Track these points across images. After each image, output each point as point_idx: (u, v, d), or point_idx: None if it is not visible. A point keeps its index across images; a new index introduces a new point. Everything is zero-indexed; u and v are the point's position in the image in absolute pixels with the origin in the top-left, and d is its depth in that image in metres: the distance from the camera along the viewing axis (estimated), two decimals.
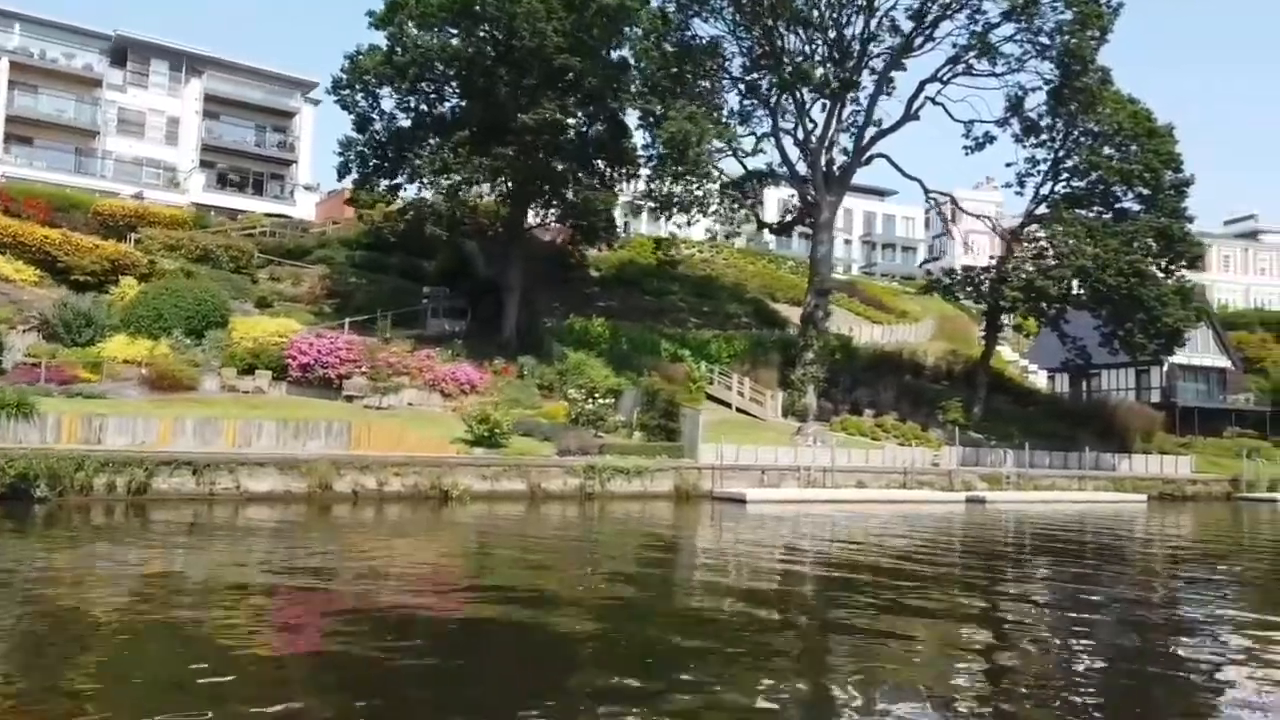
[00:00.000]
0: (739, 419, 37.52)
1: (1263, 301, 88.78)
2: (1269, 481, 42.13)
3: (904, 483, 32.26)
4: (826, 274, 40.86)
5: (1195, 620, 12.81)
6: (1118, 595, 15.38)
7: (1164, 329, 36.76)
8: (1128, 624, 12.34)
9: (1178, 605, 14.48)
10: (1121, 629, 11.96)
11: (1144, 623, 12.45)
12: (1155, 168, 37.74)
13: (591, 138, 39.01)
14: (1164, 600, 14.95)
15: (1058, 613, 12.97)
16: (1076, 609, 13.33)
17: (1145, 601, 14.77)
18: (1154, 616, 13.11)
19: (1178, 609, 14.06)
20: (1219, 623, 12.43)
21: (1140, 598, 15.23)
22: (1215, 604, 14.27)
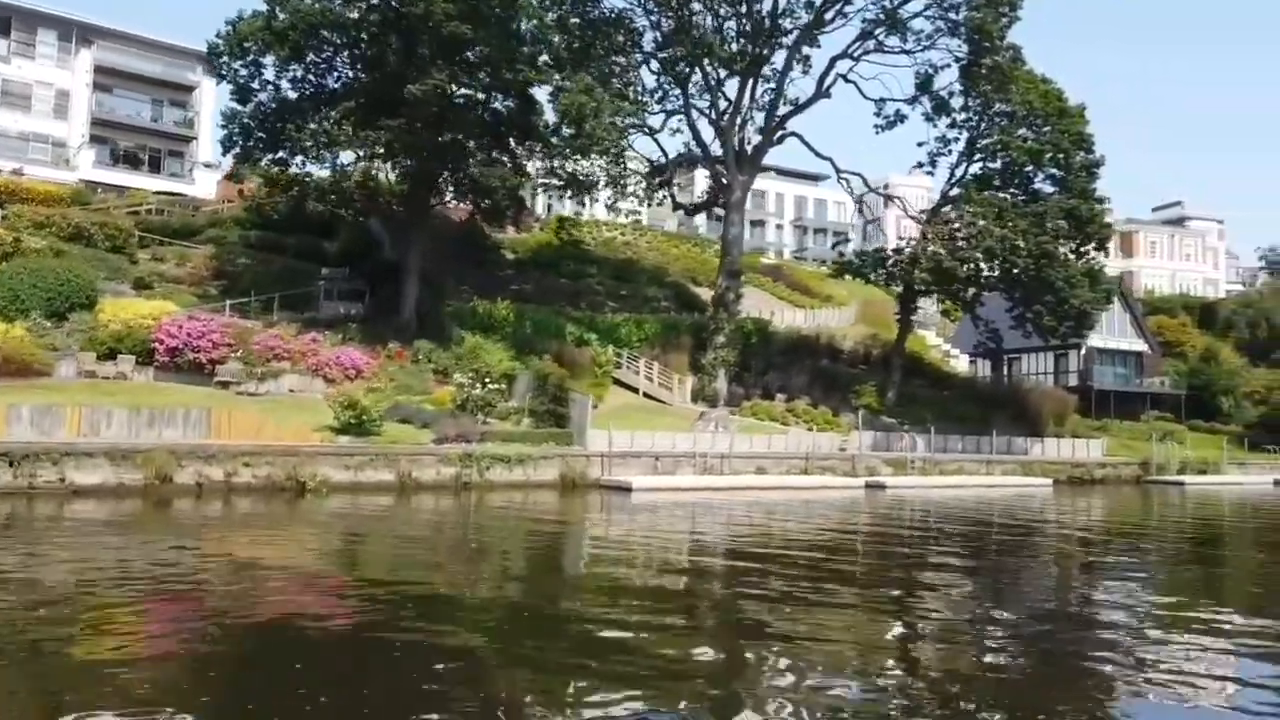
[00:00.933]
0: (645, 404, 36.47)
1: (1188, 287, 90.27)
2: (1179, 464, 42.24)
3: (805, 468, 31.45)
4: (738, 255, 39.89)
5: (1075, 603, 12.53)
6: (1003, 581, 14.74)
7: (1072, 311, 36.42)
8: (1016, 610, 12.03)
9: (1064, 590, 14.11)
10: (1010, 615, 11.65)
11: (1031, 609, 12.19)
12: (1065, 148, 37.35)
13: (499, 113, 37.50)
14: (1049, 585, 14.42)
15: (939, 601, 12.37)
16: (963, 597, 12.78)
17: (1029, 586, 14.26)
18: (1040, 601, 12.71)
19: (1064, 593, 13.70)
20: (1094, 605, 12.13)
21: (1024, 582, 14.66)
22: (1093, 588, 13.85)
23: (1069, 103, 38.82)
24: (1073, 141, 37.69)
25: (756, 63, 37.88)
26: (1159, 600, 13.23)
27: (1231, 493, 38.09)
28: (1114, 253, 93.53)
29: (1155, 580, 15.54)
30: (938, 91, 38.33)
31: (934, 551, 17.67)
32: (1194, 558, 18.88)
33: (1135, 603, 12.84)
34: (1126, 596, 13.43)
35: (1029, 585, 14.57)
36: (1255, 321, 66.60)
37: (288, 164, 35.75)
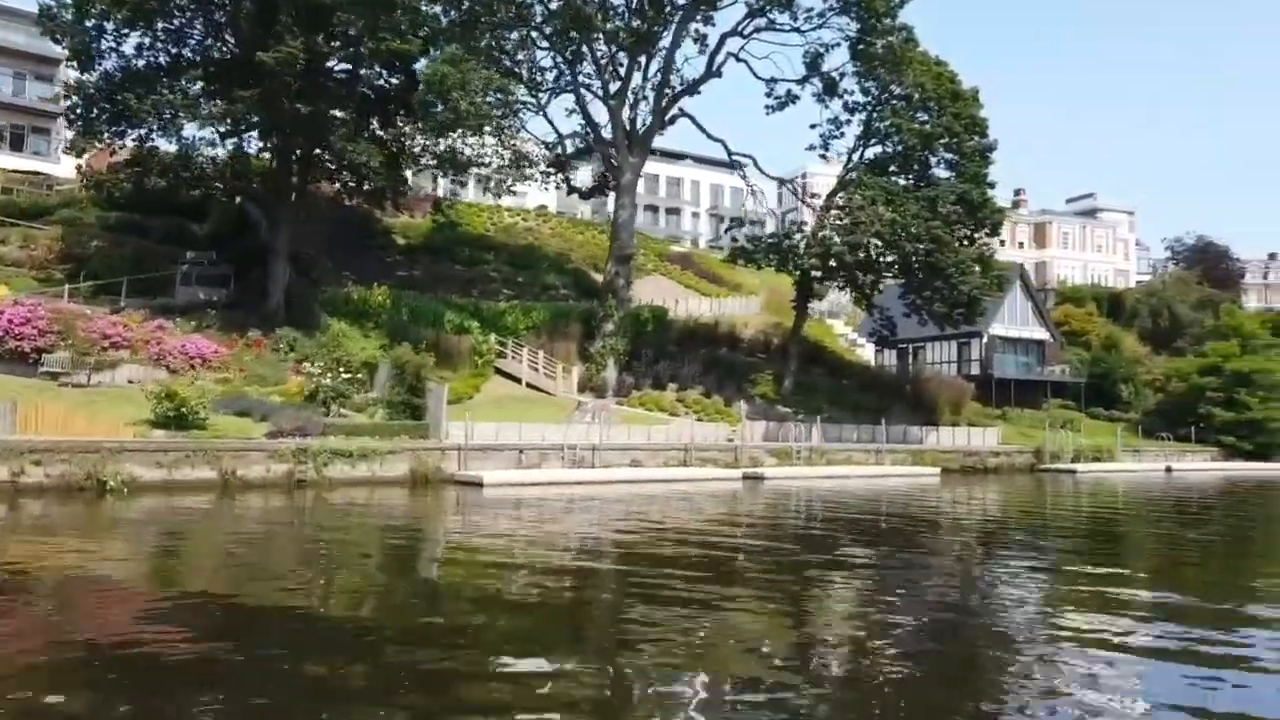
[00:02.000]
0: (527, 394, 34.94)
1: (1099, 277, 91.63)
2: (1073, 452, 42.16)
3: (685, 460, 30.23)
4: (628, 240, 38.53)
5: (950, 597, 12.00)
6: (871, 575, 13.77)
7: (962, 297, 35.83)
8: (894, 605, 11.51)
9: (935, 583, 13.33)
10: (889, 610, 11.10)
11: (908, 603, 11.57)
12: (958, 132, 36.70)
13: (383, 89, 35.53)
14: (919, 578, 13.56)
15: (806, 599, 11.60)
16: (833, 594, 12.10)
17: (901, 579, 13.44)
18: (914, 596, 12.05)
19: (935, 586, 12.97)
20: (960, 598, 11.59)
21: (894, 575, 13.81)
22: (935, 578, 13.04)
23: (963, 86, 38.22)
24: (965, 126, 37.09)
25: (646, 39, 36.49)
26: (1037, 591, 12.72)
27: (1122, 480, 38.03)
28: (1028, 244, 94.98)
29: (1031, 570, 14.74)
30: (828, 72, 37.42)
31: (799, 546, 16.52)
32: (1068, 546, 18.09)
33: (1006, 594, 12.23)
34: (993, 588, 12.51)
35: (901, 579, 13.61)
36: (1158, 310, 67.61)
37: (143, 139, 33.26)
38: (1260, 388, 47.24)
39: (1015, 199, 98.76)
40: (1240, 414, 46.85)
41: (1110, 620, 10.27)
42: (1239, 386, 47.29)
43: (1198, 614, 10.96)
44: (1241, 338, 49.51)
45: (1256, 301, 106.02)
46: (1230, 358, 48.12)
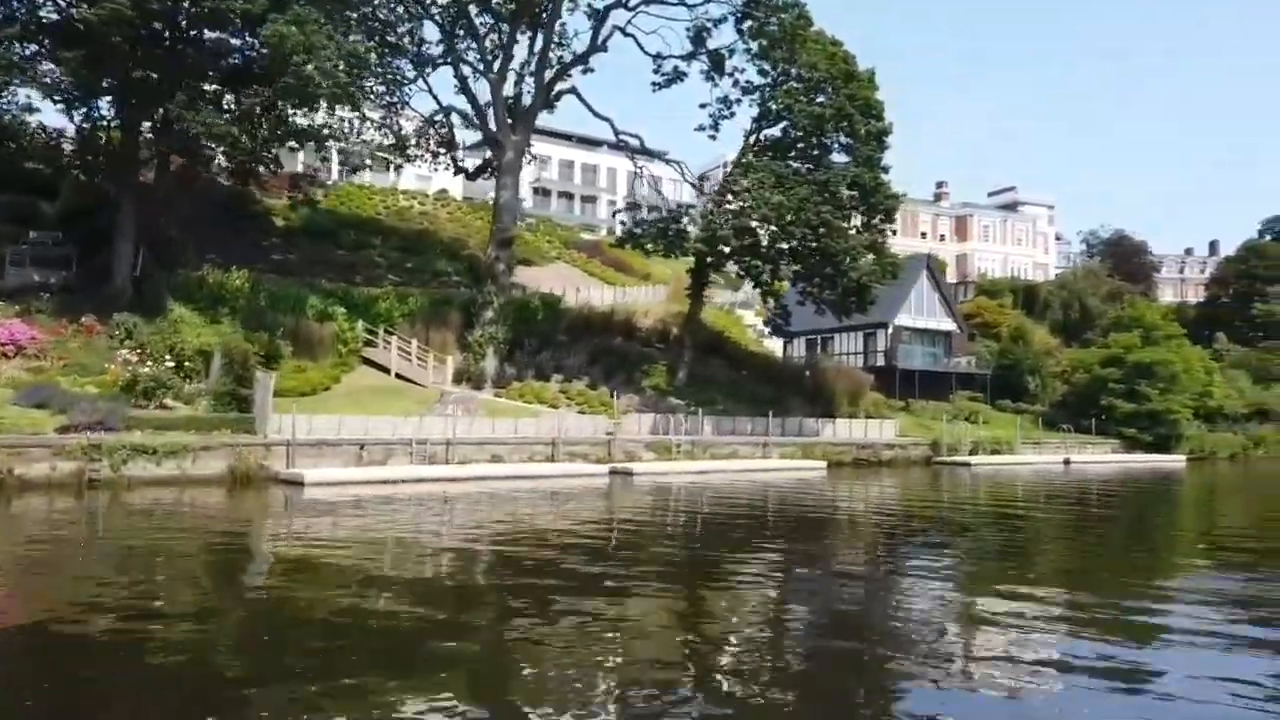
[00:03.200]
0: (395, 386, 32.78)
1: (1019, 270, 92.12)
2: (971, 445, 41.36)
3: (552, 455, 28.42)
4: (510, 223, 36.55)
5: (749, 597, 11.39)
6: (722, 576, 12.59)
7: (851, 284, 34.58)
8: (753, 607, 11.03)
9: (753, 583, 12.47)
10: (748, 613, 10.59)
11: (764, 607, 11.21)
12: (850, 114, 35.37)
13: (252, 57, 32.86)
14: (769, 580, 12.68)
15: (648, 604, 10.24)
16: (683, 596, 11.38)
17: (754, 581, 12.67)
18: (721, 597, 11.48)
19: (756, 588, 12.21)
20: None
21: (748, 576, 12.92)
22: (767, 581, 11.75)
23: (859, 67, 36.92)
24: (859, 108, 35.77)
25: (526, 8, 34.49)
26: (897, 588, 12.35)
27: (1018, 472, 37.29)
28: (949, 236, 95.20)
29: (885, 566, 13.84)
30: (717, 50, 35.78)
31: (635, 546, 14.83)
32: (918, 541, 16.74)
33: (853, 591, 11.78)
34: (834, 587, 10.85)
35: (754, 580, 12.51)
36: (1069, 303, 67.76)
37: None
38: (1160, 379, 47.08)
39: (937, 192, 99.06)
40: (1141, 406, 46.62)
41: (941, 618, 9.98)
42: (1140, 378, 47.07)
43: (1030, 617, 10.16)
44: (1144, 329, 49.33)
45: (1173, 296, 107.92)
46: (1132, 349, 47.88)
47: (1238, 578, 13.34)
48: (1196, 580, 13.25)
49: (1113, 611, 10.65)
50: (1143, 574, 14.03)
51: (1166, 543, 18.99)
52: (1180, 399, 47.22)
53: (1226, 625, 9.97)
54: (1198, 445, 49.62)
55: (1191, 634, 9.49)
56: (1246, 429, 54.31)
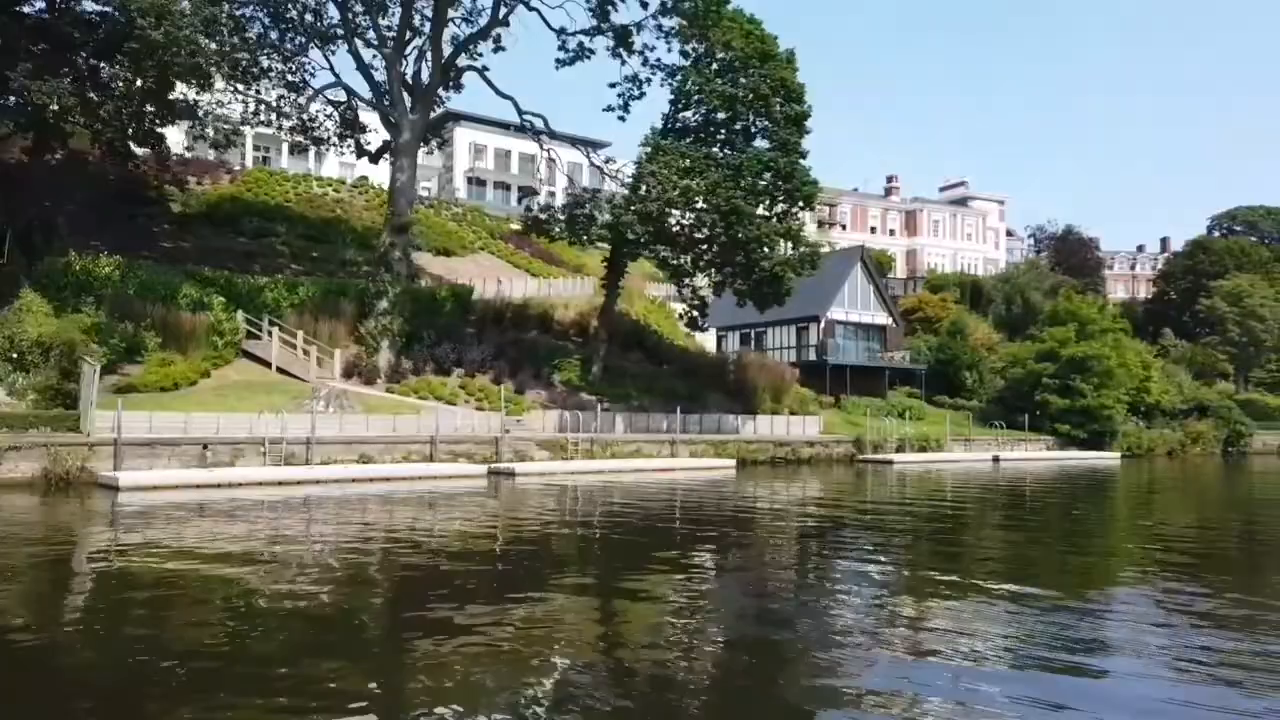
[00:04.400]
0: (275, 380, 30.49)
1: (969, 265, 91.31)
2: (897, 442, 39.89)
3: (430, 454, 26.40)
4: (406, 207, 34.36)
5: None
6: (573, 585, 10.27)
7: (763, 274, 32.86)
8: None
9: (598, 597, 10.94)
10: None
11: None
12: (765, 95, 33.62)
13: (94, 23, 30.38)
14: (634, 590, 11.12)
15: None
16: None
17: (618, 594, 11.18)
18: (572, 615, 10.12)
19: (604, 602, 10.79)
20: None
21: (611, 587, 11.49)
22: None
23: (778, 47, 35.18)
24: (775, 89, 34.03)
25: None
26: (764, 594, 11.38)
27: (943, 471, 35.86)
28: (899, 231, 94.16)
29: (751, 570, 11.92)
30: (625, 25, 33.81)
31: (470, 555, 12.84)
32: (797, 545, 14.94)
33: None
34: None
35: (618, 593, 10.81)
36: (1011, 297, 66.80)
37: None
38: (1095, 374, 45.95)
39: (888, 186, 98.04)
40: (1074, 402, 45.46)
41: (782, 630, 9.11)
42: (1074, 373, 45.92)
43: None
44: (1079, 323, 48.18)
45: (1125, 292, 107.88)
46: (1066, 343, 46.70)
47: (1138, 599, 11.68)
48: (1060, 604, 11.57)
49: (994, 625, 9.04)
50: (1014, 584, 12.34)
51: (1049, 553, 17.37)
52: (1115, 394, 46.13)
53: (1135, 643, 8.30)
54: (1134, 442, 48.64)
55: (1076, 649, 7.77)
56: (1185, 425, 53.49)
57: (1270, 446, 58.23)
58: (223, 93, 34.63)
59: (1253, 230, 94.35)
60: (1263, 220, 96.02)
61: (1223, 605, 10.55)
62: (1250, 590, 11.84)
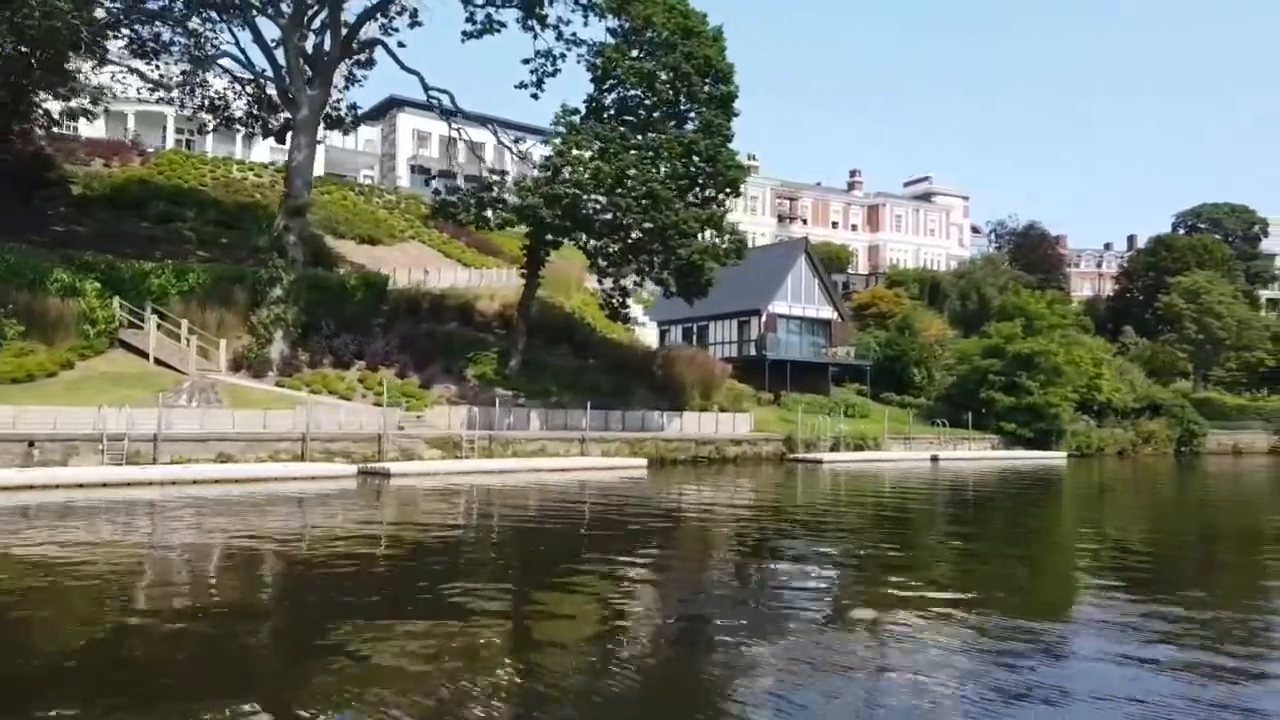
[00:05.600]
0: (148, 372, 28.32)
1: (932, 261, 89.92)
2: (831, 440, 38.15)
3: (301, 453, 24.34)
4: (303, 188, 32.25)
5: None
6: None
7: (680, 263, 30.99)
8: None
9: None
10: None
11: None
12: (687, 73, 31.73)
13: None
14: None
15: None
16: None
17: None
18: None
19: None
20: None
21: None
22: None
23: (705, 25, 33.28)
24: (698, 67, 32.14)
25: None
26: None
27: (876, 470, 34.20)
28: (861, 226, 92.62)
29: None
30: None
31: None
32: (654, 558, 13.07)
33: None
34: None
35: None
36: (966, 293, 65.37)
37: None
38: (1041, 371, 44.41)
39: (850, 181, 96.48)
40: (1021, 399, 43.89)
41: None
42: (1020, 370, 44.35)
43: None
44: (1026, 318, 46.62)
45: (1090, 290, 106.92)
46: (1012, 339, 45.13)
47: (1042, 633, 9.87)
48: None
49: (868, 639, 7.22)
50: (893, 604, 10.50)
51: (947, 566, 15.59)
52: (1062, 392, 44.60)
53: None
54: (1083, 441, 47.18)
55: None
56: (1137, 424, 52.14)
57: (1225, 446, 57.07)
58: (121, 68, 32.60)
59: (1217, 228, 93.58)
60: (1227, 218, 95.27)
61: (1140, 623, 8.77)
62: (1166, 601, 10.06)
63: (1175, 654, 8.47)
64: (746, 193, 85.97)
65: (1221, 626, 9.65)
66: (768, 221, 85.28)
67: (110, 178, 43.10)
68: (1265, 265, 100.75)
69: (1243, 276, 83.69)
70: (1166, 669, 7.91)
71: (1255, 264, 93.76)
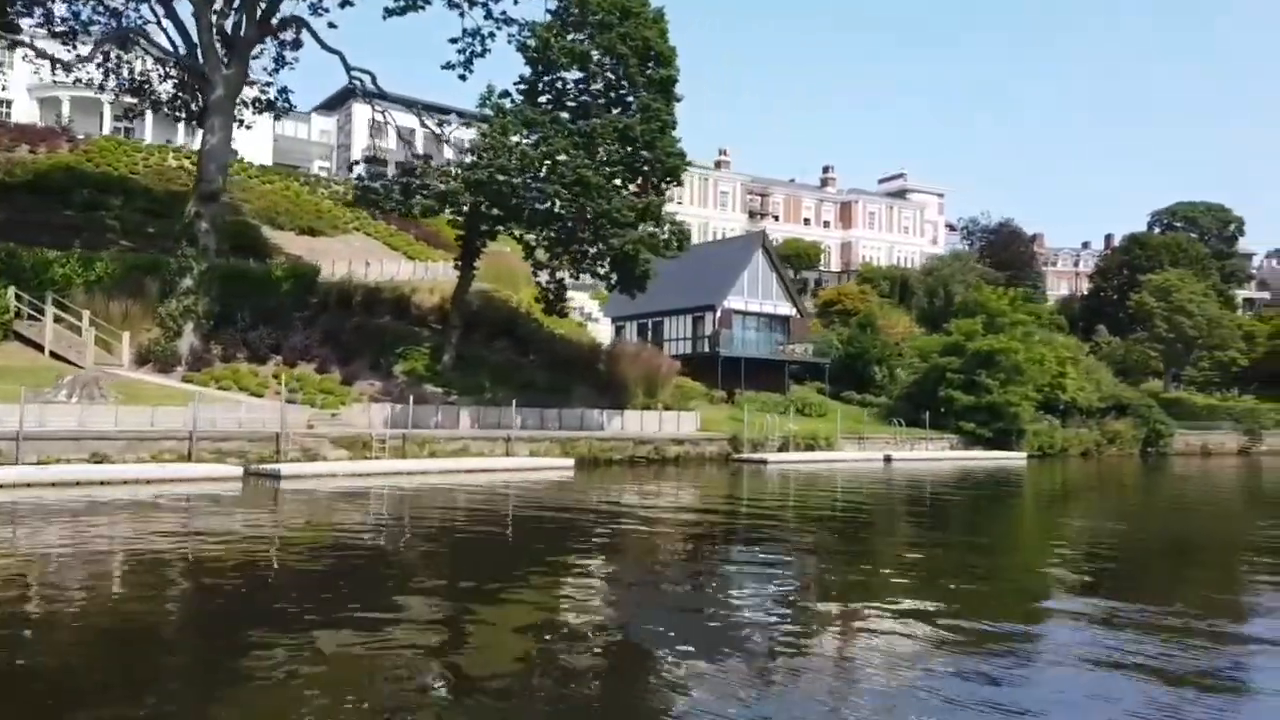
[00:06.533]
0: (42, 366, 26.68)
1: (906, 258, 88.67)
2: (780, 440, 36.73)
3: (188, 453, 22.72)
4: (217, 172, 30.56)
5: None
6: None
7: (613, 254, 29.49)
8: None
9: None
10: None
11: None
12: (622, 54, 30.20)
13: None
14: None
15: None
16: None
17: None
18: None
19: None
20: None
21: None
22: None
23: (643, 5, 31.75)
24: (635, 49, 30.60)
25: None
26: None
27: (824, 471, 32.83)
28: (834, 223, 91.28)
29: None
30: None
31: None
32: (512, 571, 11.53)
33: None
34: None
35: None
36: (934, 290, 64.16)
37: None
38: (1002, 369, 43.12)
39: (823, 177, 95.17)
40: (979, 398, 42.58)
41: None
42: (980, 368, 43.04)
43: None
44: (987, 315, 45.34)
45: (1067, 289, 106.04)
46: (972, 336, 43.82)
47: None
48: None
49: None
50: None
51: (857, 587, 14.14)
52: (1022, 391, 43.31)
53: None
54: (1045, 441, 45.93)
55: None
56: (1103, 424, 50.96)
57: (1193, 447, 56.04)
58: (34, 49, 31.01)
59: (1193, 226, 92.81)
60: (1203, 216, 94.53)
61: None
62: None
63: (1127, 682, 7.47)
64: (716, 188, 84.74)
65: (1166, 648, 8.22)
66: (738, 217, 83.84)
67: (34, 164, 41.31)
68: (1241, 264, 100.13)
69: (1218, 275, 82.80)
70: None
71: (1231, 263, 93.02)
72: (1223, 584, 13.13)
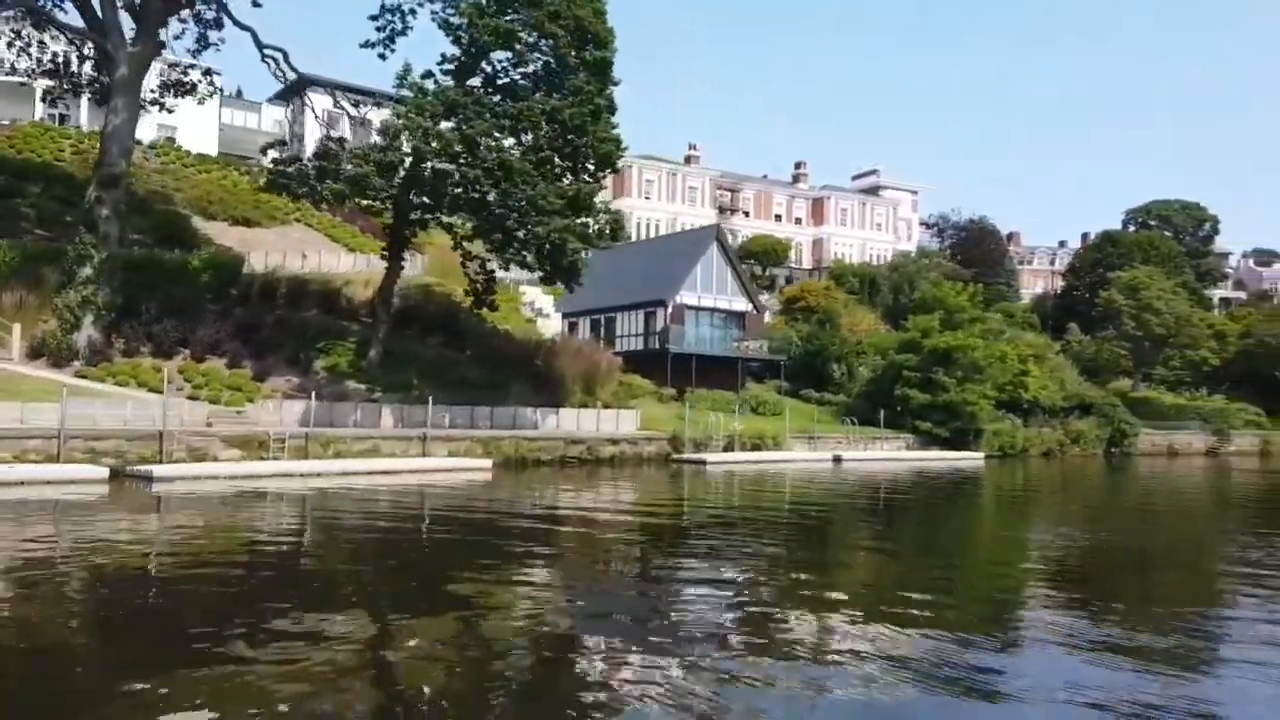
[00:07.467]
0: None
1: (878, 255, 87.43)
2: (725, 440, 35.29)
3: (56, 452, 21.05)
4: (119, 155, 28.80)
5: None
6: None
7: (540, 243, 27.94)
8: None
9: None
10: None
11: None
12: (552, 33, 28.65)
13: None
14: None
15: None
16: None
17: None
18: None
19: None
20: None
21: None
22: None
23: None
24: (567, 28, 29.06)
25: None
26: None
27: (768, 472, 31.47)
28: (805, 219, 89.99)
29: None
30: None
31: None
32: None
33: None
34: None
35: None
36: (899, 286, 62.91)
37: None
38: (960, 367, 41.81)
39: (796, 173, 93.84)
40: (936, 396, 41.24)
41: None
42: (937, 365, 41.71)
43: None
44: (945, 311, 44.02)
45: (1043, 287, 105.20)
46: (929, 332, 42.48)
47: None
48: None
49: None
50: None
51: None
52: (981, 389, 42.03)
53: None
54: (1005, 441, 44.65)
55: None
56: (1066, 424, 49.76)
57: (1159, 447, 54.97)
58: None
59: (1167, 224, 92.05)
60: (1177, 215, 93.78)
61: None
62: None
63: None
64: (685, 183, 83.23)
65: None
66: (707, 213, 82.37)
67: None
68: (1216, 263, 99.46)
69: (1191, 274, 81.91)
70: None
71: (1206, 262, 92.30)
72: (1154, 596, 11.71)
